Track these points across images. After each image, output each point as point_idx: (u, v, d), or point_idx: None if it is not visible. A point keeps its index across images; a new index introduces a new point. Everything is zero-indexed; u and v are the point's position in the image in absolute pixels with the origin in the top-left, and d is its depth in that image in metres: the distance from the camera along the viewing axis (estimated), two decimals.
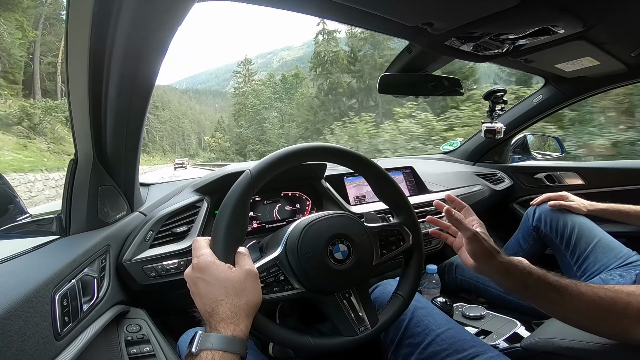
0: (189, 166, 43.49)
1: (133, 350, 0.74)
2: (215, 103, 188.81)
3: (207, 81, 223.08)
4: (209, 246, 0.58)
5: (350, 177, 1.36)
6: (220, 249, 0.57)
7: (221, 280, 0.53)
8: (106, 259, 0.78)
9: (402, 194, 0.77)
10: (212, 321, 0.51)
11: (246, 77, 57.39)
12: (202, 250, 0.57)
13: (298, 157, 0.66)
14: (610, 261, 1.11)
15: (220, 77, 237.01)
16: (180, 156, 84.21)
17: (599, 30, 0.89)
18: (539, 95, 1.64)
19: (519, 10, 0.70)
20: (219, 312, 0.51)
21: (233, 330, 0.50)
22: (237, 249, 0.59)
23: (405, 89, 1.20)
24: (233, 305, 0.52)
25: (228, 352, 0.48)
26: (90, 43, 0.57)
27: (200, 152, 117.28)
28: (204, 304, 0.53)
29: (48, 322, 0.55)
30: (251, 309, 0.54)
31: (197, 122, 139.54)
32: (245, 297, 0.54)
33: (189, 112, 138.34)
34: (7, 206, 0.68)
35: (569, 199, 1.30)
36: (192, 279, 0.55)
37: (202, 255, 0.56)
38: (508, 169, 1.91)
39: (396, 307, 0.71)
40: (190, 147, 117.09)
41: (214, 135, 76.47)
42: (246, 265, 0.57)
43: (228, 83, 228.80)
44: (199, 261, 0.55)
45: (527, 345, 0.79)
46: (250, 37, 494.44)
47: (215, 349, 0.48)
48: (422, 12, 0.75)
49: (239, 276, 0.55)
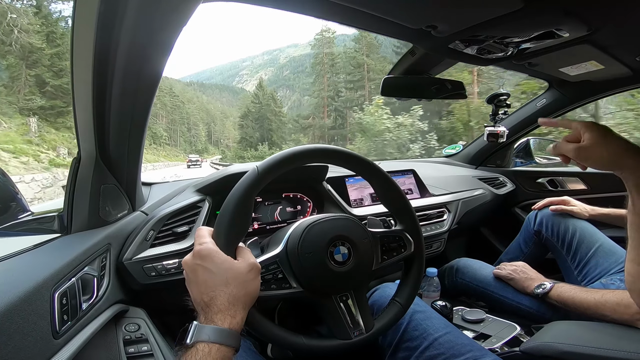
0: (204, 163, 39.39)
1: (131, 350, 0.74)
2: (223, 97, 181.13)
3: (211, 78, 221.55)
4: (212, 237, 0.58)
5: (351, 179, 1.36)
6: (222, 241, 0.57)
7: (223, 270, 0.53)
8: (107, 257, 0.79)
9: (406, 201, 0.77)
10: (209, 312, 0.50)
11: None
12: (205, 238, 0.57)
13: (305, 158, 0.67)
14: (611, 266, 1.11)
15: (225, 73, 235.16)
16: (185, 151, 75.25)
17: (604, 34, 0.89)
18: (543, 99, 1.63)
19: (523, 13, 0.70)
20: (217, 302, 0.50)
21: (230, 323, 0.50)
22: (239, 243, 0.59)
23: (408, 92, 1.20)
24: (232, 296, 0.51)
25: (224, 345, 0.48)
26: (95, 42, 0.58)
27: (210, 147, 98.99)
28: (201, 293, 0.52)
29: (47, 320, 0.55)
30: (249, 301, 0.54)
31: (205, 110, 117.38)
32: (246, 288, 0.53)
33: (195, 99, 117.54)
34: (9, 204, 0.68)
35: (571, 204, 1.30)
36: (192, 266, 0.54)
37: (205, 243, 0.55)
38: (510, 173, 1.90)
39: (393, 313, 0.70)
40: (198, 140, 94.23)
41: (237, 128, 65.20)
42: (250, 258, 0.57)
43: (234, 79, 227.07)
44: (202, 248, 0.55)
45: (527, 350, 0.79)
46: (254, 35, 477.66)
47: (212, 342, 0.47)
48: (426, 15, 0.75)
49: (243, 267, 0.54)
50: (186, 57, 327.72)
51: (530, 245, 1.39)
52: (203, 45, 57.43)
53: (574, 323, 0.86)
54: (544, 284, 1.07)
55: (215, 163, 37.71)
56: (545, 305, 1.06)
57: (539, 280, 1.11)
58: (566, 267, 1.24)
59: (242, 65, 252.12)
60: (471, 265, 1.33)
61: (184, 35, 0.62)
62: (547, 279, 1.11)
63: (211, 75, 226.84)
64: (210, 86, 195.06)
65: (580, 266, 1.18)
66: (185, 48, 34.71)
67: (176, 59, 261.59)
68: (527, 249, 1.39)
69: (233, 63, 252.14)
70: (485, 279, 1.25)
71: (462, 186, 1.65)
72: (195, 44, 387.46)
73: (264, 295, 0.59)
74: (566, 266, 1.24)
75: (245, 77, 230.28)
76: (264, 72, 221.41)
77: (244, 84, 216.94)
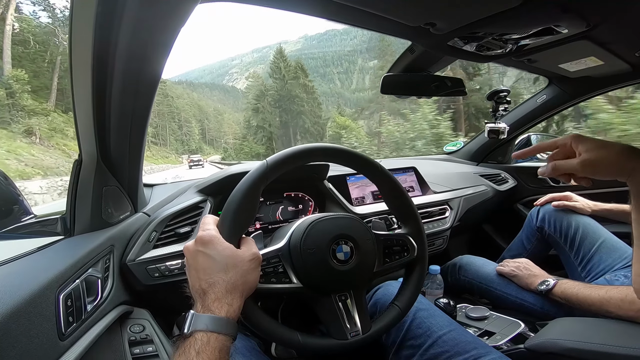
0: (207, 163, 36.55)
1: (136, 351, 0.75)
2: (214, 95, 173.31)
3: (200, 77, 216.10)
4: (217, 225, 0.58)
5: (352, 177, 1.36)
6: (226, 229, 0.57)
7: (224, 257, 0.53)
8: (110, 259, 0.79)
9: (411, 205, 0.77)
10: (206, 299, 0.50)
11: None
12: (209, 225, 0.57)
13: (314, 156, 0.67)
14: (615, 262, 1.11)
15: (215, 72, 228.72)
16: (177, 151, 71.12)
17: (603, 30, 0.89)
18: (543, 95, 1.63)
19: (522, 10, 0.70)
20: (215, 289, 0.50)
21: (227, 311, 0.49)
22: (242, 234, 0.59)
23: (407, 90, 1.20)
24: (229, 284, 0.51)
25: (222, 334, 0.48)
26: (94, 44, 0.58)
27: (204, 146, 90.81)
28: (200, 279, 0.52)
29: (52, 323, 0.55)
30: (247, 290, 0.54)
31: (197, 106, 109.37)
32: (244, 277, 0.53)
33: (185, 95, 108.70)
34: (11, 207, 0.69)
35: (574, 199, 1.29)
36: (193, 251, 0.54)
37: (208, 230, 0.55)
38: (512, 170, 1.90)
39: (391, 317, 0.70)
40: (192, 138, 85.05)
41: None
42: (253, 248, 0.57)
43: (224, 78, 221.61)
44: (204, 234, 0.55)
45: (531, 346, 0.79)
46: (242, 33, 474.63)
47: (210, 331, 0.47)
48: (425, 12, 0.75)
49: (245, 256, 0.54)
50: (173, 57, 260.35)
51: (533, 242, 1.38)
52: (191, 45, 56.19)
53: (578, 319, 0.86)
54: (548, 281, 1.06)
55: (215, 162, 35.96)
56: (549, 302, 1.06)
57: (543, 276, 1.11)
58: (569, 264, 1.23)
59: (232, 63, 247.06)
60: (474, 262, 1.33)
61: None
62: (550, 275, 1.11)
63: (200, 75, 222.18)
64: (199, 85, 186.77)
65: (584, 262, 1.18)
66: (173, 48, 34.92)
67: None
68: (530, 245, 1.39)
69: (222, 62, 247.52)
70: (488, 276, 1.25)
71: (464, 183, 1.64)
72: (182, 43, 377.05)
73: (263, 287, 0.59)
74: (569, 262, 1.23)
75: (236, 76, 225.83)
76: (254, 69, 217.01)
77: (234, 82, 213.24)
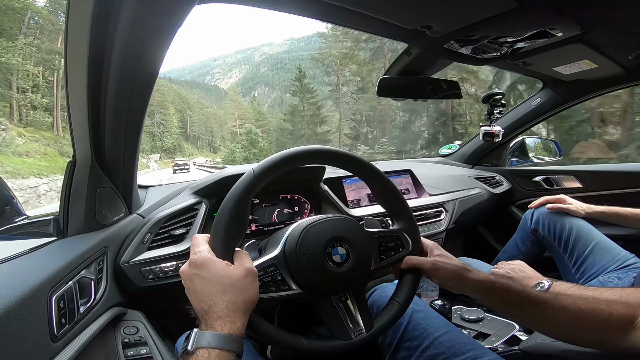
0: (193, 167, 34.64)
1: (130, 353, 0.74)
2: (194, 93, 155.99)
3: (180, 76, 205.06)
4: (208, 243, 0.58)
5: (348, 179, 1.36)
6: (219, 246, 0.57)
7: (219, 278, 0.53)
8: (104, 260, 0.78)
9: (403, 201, 0.76)
10: (208, 319, 0.50)
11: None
12: (200, 246, 0.57)
13: (301, 159, 0.66)
14: (609, 263, 1.11)
15: (195, 72, 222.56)
16: (143, 150, 57.64)
17: (597, 34, 0.90)
18: (537, 98, 1.64)
19: (517, 13, 0.71)
20: (216, 309, 0.50)
21: (230, 329, 0.49)
22: (236, 247, 0.59)
23: (403, 92, 1.20)
24: (230, 303, 0.51)
25: (225, 350, 0.48)
26: (90, 45, 0.58)
27: (185, 145, 76.46)
28: (200, 301, 0.52)
29: (44, 324, 0.55)
30: (248, 307, 0.54)
31: (176, 94, 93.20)
32: (244, 295, 0.53)
33: (163, 89, 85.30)
34: (4, 207, 0.68)
35: (567, 202, 1.30)
36: (188, 275, 0.54)
37: (200, 252, 0.55)
38: (506, 172, 1.91)
39: (392, 313, 0.70)
40: (168, 132, 70.19)
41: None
42: (246, 263, 0.56)
43: (205, 78, 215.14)
44: (196, 257, 0.54)
45: (526, 348, 0.79)
46: (225, 35, 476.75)
47: (212, 347, 0.47)
48: (421, 15, 0.75)
49: (238, 274, 0.54)
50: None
51: (527, 244, 1.39)
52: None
53: None
54: (542, 283, 1.06)
55: (203, 166, 33.74)
56: None
57: (537, 278, 1.11)
58: (564, 266, 1.24)
59: (214, 64, 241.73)
60: (469, 264, 1.33)
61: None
62: (545, 277, 1.11)
63: (180, 75, 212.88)
64: (179, 82, 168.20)
65: (578, 264, 1.19)
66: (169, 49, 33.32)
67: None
68: (525, 247, 1.40)
69: (203, 62, 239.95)
70: None
71: (459, 186, 1.65)
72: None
73: (263, 297, 0.59)
74: (564, 264, 1.24)
75: (218, 76, 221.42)
76: (239, 69, 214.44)
77: (216, 82, 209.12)
